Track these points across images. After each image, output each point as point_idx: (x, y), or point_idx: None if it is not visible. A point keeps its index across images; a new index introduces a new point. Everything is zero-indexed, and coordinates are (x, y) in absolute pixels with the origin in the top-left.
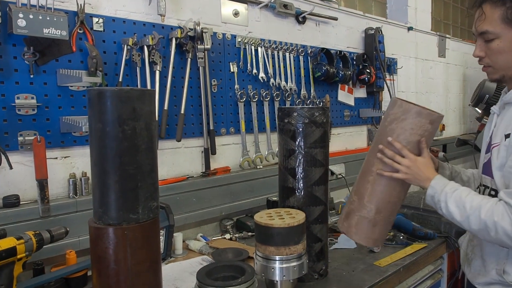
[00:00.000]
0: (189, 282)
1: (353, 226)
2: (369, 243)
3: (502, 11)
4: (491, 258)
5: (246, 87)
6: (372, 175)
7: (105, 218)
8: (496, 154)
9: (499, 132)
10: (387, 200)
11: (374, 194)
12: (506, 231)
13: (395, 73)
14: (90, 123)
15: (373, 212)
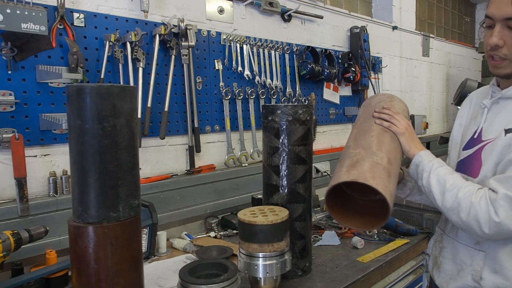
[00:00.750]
0: (173, 280)
1: (368, 171)
2: (386, 193)
3: None
4: (466, 262)
5: (231, 85)
6: (375, 131)
7: (85, 217)
8: (491, 150)
9: (493, 128)
10: (394, 154)
11: (383, 144)
12: (477, 215)
13: (380, 72)
14: (69, 120)
15: (385, 160)
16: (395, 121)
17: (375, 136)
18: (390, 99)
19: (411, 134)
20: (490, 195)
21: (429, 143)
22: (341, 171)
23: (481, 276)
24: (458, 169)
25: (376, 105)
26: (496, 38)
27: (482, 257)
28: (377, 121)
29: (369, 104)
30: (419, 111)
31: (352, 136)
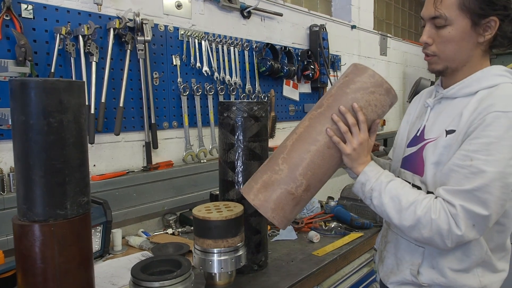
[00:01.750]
0: (126, 278)
1: (273, 201)
2: (281, 224)
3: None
4: (406, 257)
5: (190, 81)
6: (316, 144)
7: (30, 215)
8: (432, 149)
9: (435, 127)
10: (320, 179)
11: (311, 168)
12: (440, 230)
13: (339, 70)
14: (12, 116)
15: (302, 188)
16: (349, 137)
17: (310, 156)
18: (374, 89)
19: (362, 150)
20: (449, 209)
21: (386, 139)
22: (255, 184)
23: (419, 270)
24: (402, 165)
25: (350, 95)
26: (425, 36)
27: (421, 253)
28: (329, 132)
29: (347, 85)
30: None
31: (298, 131)
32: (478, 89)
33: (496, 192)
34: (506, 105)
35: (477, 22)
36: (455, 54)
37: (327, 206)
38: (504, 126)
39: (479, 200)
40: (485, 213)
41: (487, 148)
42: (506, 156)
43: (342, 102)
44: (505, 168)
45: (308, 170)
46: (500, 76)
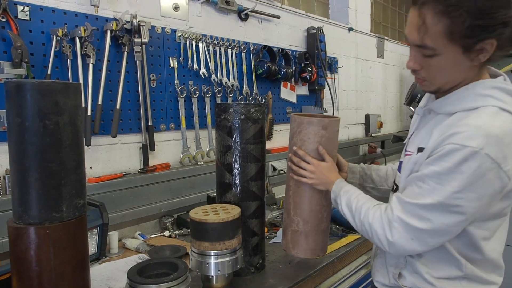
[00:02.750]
0: (123, 281)
1: (290, 242)
2: (307, 254)
3: (446, 24)
4: (391, 261)
5: (187, 83)
6: (290, 189)
7: (25, 218)
8: (405, 164)
9: (416, 141)
10: (310, 209)
11: (297, 206)
12: (377, 235)
13: (336, 72)
14: (8, 118)
15: (301, 224)
16: (302, 172)
17: (292, 196)
18: (299, 128)
19: (320, 174)
20: (388, 214)
21: (383, 141)
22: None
23: (402, 273)
24: (398, 168)
25: (291, 142)
26: (412, 63)
27: (404, 258)
28: (290, 174)
29: (291, 137)
30: (374, 111)
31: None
32: (457, 110)
33: (436, 215)
34: (466, 137)
35: (470, 48)
36: (447, 80)
37: None
38: (457, 160)
39: (418, 215)
40: (421, 226)
41: (437, 177)
42: (451, 190)
43: (290, 150)
44: (447, 200)
45: (296, 209)
46: (483, 96)
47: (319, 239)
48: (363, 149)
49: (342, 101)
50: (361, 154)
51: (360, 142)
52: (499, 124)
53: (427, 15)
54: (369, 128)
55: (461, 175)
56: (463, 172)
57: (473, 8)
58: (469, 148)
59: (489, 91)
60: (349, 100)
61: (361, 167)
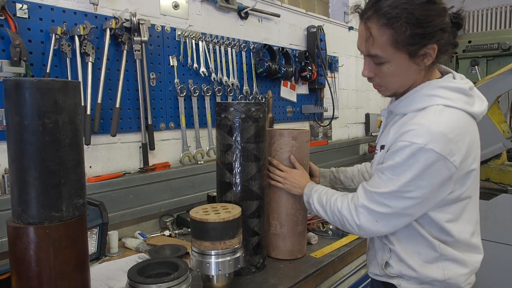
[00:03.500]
0: (123, 281)
1: (269, 245)
2: (286, 256)
3: (391, 34)
4: (379, 253)
5: (187, 82)
6: (268, 195)
7: (25, 217)
8: (375, 160)
9: (380, 139)
10: (286, 213)
11: (274, 211)
12: (347, 220)
13: (336, 71)
14: (6, 116)
15: (278, 227)
16: (277, 178)
17: (269, 202)
18: (272, 140)
19: (292, 179)
20: (354, 201)
21: None
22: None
23: (388, 262)
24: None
25: (269, 151)
26: (366, 71)
27: (388, 250)
28: (268, 181)
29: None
30: (374, 110)
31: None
32: (408, 111)
33: (393, 201)
34: (414, 135)
35: (415, 54)
36: (400, 84)
37: None
38: (406, 155)
39: (378, 201)
40: (382, 211)
41: (392, 169)
42: (404, 180)
43: (266, 160)
44: (400, 188)
45: (274, 213)
46: (429, 97)
47: (296, 241)
48: (363, 149)
49: (342, 100)
50: (361, 153)
51: (360, 141)
52: (443, 121)
53: (372, 28)
54: (369, 127)
55: (411, 167)
56: (412, 165)
57: (412, 19)
58: (415, 144)
59: (435, 91)
60: (349, 99)
61: (330, 171)
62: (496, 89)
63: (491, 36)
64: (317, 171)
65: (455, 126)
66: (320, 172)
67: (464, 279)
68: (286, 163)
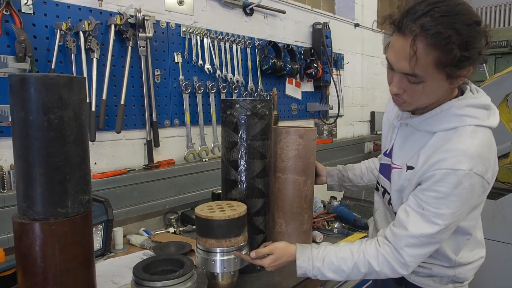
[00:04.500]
0: (128, 277)
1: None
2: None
3: (437, 56)
4: None
5: (192, 78)
6: (273, 194)
7: (30, 213)
8: (396, 178)
9: (401, 154)
10: (291, 212)
11: (280, 210)
12: (387, 275)
13: (342, 68)
14: (12, 112)
15: (283, 226)
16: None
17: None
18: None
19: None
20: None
21: None
22: None
23: None
24: (380, 170)
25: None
26: (396, 88)
27: None
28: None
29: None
30: (379, 108)
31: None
32: (436, 130)
33: (441, 236)
34: (456, 162)
35: (453, 75)
36: (427, 102)
37: (329, 206)
38: (452, 184)
39: (428, 243)
40: (433, 249)
41: (436, 202)
42: (452, 211)
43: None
44: (450, 220)
45: (279, 212)
46: (459, 116)
47: (301, 240)
48: (368, 147)
49: (347, 98)
50: (366, 152)
51: (365, 139)
52: (478, 142)
53: (418, 47)
54: (375, 126)
55: (458, 196)
56: (459, 194)
57: (460, 41)
58: (460, 171)
59: (464, 110)
60: (354, 97)
61: (338, 169)
62: (505, 88)
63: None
64: (323, 170)
65: (486, 144)
66: (326, 171)
67: (472, 273)
68: (292, 162)
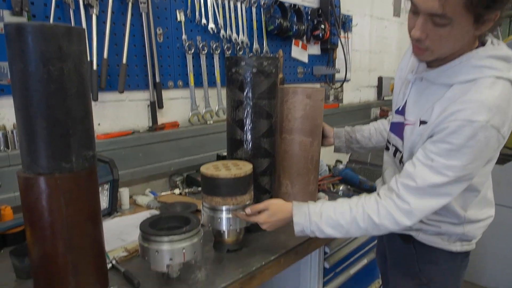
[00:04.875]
0: (135, 235)
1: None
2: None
3: None
4: None
5: (195, 38)
6: (279, 155)
7: (35, 167)
8: (409, 134)
9: (415, 110)
10: (297, 173)
11: (285, 170)
12: (388, 229)
13: (350, 31)
14: (10, 64)
15: (289, 186)
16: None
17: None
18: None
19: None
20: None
21: None
22: None
23: None
24: (391, 129)
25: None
26: (419, 32)
27: None
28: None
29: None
30: (387, 73)
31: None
32: (454, 82)
33: (451, 188)
34: (472, 113)
35: (480, 18)
36: (450, 49)
37: (335, 169)
38: (466, 136)
39: (436, 194)
40: (442, 203)
41: (448, 154)
42: (464, 163)
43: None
44: (460, 173)
45: (285, 173)
46: (478, 68)
47: (307, 201)
48: (375, 113)
49: (354, 62)
50: (372, 118)
51: (372, 105)
52: (498, 94)
53: None
54: (382, 91)
55: (471, 148)
56: (473, 146)
57: None
58: (477, 122)
59: (483, 61)
60: (362, 61)
61: (345, 130)
62: None
63: None
64: (330, 131)
65: (505, 97)
66: (334, 132)
67: (480, 232)
68: (299, 123)
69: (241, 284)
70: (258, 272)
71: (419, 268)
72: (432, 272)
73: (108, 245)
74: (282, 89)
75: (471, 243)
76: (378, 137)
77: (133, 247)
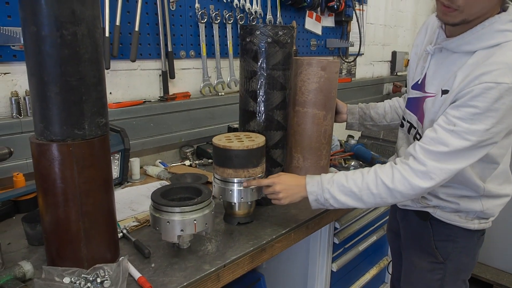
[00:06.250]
0: (146, 205)
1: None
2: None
3: None
4: None
5: (208, 7)
6: (292, 128)
7: (47, 134)
8: (430, 106)
9: (435, 81)
10: (309, 147)
11: (297, 144)
12: (402, 193)
13: (365, 3)
14: (23, 28)
15: (301, 160)
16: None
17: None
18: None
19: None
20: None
21: None
22: None
23: (425, 197)
24: (407, 106)
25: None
26: None
27: None
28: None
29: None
30: (402, 48)
31: None
32: (477, 48)
33: (473, 154)
34: (499, 74)
35: None
36: (479, 10)
37: (346, 145)
38: (492, 98)
39: (456, 159)
40: (461, 166)
41: (471, 118)
42: (487, 127)
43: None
44: (481, 137)
45: (297, 147)
46: (502, 32)
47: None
48: (387, 88)
49: (368, 35)
50: (385, 93)
51: (385, 80)
52: None
53: None
54: (395, 66)
55: (496, 112)
56: (498, 109)
57: None
58: (503, 84)
59: (507, 25)
60: (376, 35)
61: (359, 107)
62: None
63: None
64: (344, 107)
65: None
66: (347, 108)
67: (498, 210)
68: (312, 95)
69: (252, 257)
70: (268, 246)
71: (435, 246)
72: (448, 249)
73: (119, 214)
74: (296, 61)
75: (488, 221)
76: (393, 114)
77: (143, 217)
